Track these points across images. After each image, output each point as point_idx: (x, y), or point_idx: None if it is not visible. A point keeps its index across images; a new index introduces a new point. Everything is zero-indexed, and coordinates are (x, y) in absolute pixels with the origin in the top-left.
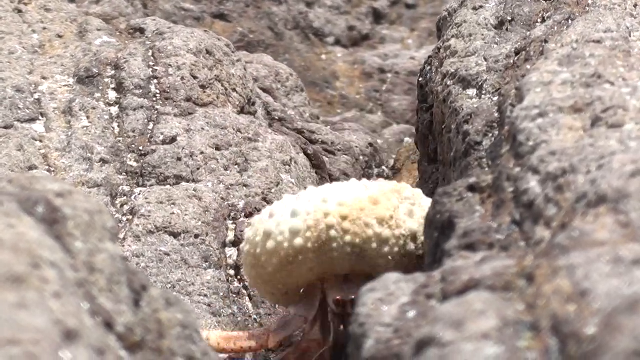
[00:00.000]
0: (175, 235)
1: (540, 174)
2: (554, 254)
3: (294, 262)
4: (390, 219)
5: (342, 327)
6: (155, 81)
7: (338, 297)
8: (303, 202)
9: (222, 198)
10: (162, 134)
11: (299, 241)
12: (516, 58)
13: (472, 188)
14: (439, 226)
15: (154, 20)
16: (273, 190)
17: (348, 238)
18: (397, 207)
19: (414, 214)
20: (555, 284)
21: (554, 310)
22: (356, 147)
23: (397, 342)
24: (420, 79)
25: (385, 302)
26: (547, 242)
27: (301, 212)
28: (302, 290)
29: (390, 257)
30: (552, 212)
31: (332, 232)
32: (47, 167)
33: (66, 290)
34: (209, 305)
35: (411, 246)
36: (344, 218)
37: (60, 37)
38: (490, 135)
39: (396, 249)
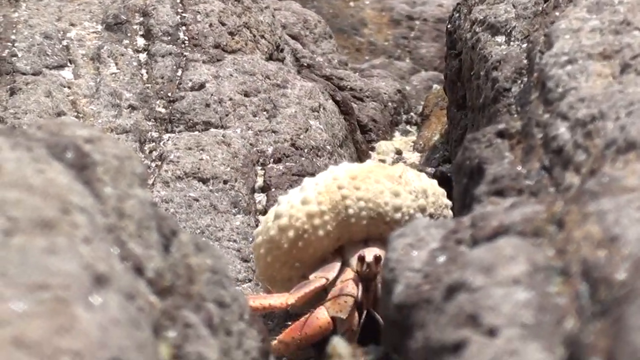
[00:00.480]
0: (204, 180)
1: (569, 120)
2: (583, 199)
3: (309, 229)
4: (399, 177)
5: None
6: (184, 28)
7: (361, 253)
8: (309, 183)
9: (250, 144)
10: (190, 80)
11: (312, 207)
12: (545, 5)
13: (501, 134)
14: (468, 172)
15: None
16: (302, 136)
17: (360, 193)
18: (405, 169)
19: (421, 177)
20: (585, 230)
21: (584, 255)
22: (384, 93)
23: (427, 287)
24: (449, 26)
25: (415, 248)
26: (576, 188)
27: (309, 186)
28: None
29: (404, 211)
30: (582, 158)
31: (344, 191)
32: (75, 114)
33: (96, 235)
34: (238, 251)
35: (423, 202)
36: (353, 178)
37: None
38: (519, 82)
39: (408, 201)
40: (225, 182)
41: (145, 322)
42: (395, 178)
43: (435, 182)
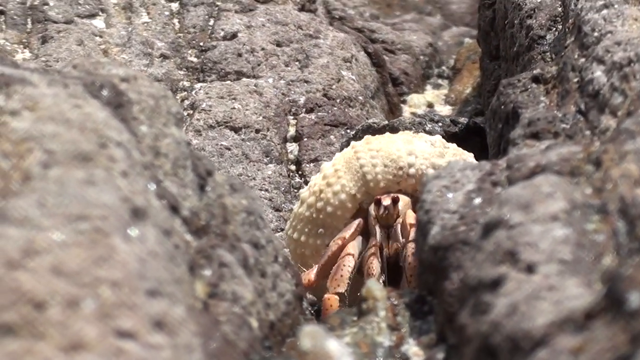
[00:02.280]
0: (236, 129)
1: (605, 64)
2: (620, 139)
3: (324, 188)
4: (414, 133)
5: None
6: None
7: (377, 197)
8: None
9: (282, 94)
10: (222, 30)
11: (327, 171)
12: None
13: (536, 79)
14: (503, 117)
15: None
16: (334, 87)
17: (372, 146)
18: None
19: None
20: (623, 168)
21: (621, 193)
22: (416, 46)
23: (463, 229)
24: None
25: (450, 189)
26: (613, 130)
27: (326, 165)
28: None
29: (418, 154)
30: (618, 101)
31: (357, 148)
32: None
33: (133, 170)
34: (270, 200)
35: (440, 149)
36: (368, 142)
37: None
38: (554, 29)
39: (422, 146)
40: (257, 131)
41: (181, 259)
42: (409, 135)
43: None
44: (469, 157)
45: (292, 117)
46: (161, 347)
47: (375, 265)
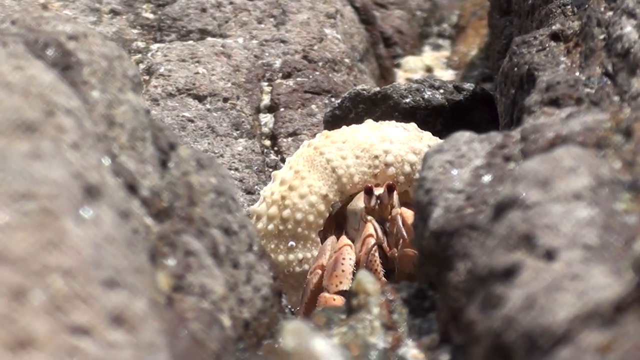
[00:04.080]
0: (200, 98)
1: (637, 18)
2: None
3: (287, 195)
4: (380, 123)
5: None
6: None
7: (368, 184)
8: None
9: (255, 56)
10: None
11: (285, 174)
12: None
13: (555, 36)
14: (517, 80)
15: None
16: (315, 47)
17: (334, 138)
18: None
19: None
20: None
21: None
22: (412, 0)
23: (470, 211)
24: None
25: (455, 165)
26: None
27: (280, 172)
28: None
29: (394, 140)
30: None
31: (316, 144)
32: None
33: (85, 141)
34: (240, 181)
35: (415, 132)
36: (328, 136)
37: None
38: None
39: (392, 128)
40: (225, 100)
41: (141, 246)
42: (373, 122)
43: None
44: None
45: (266, 84)
46: (121, 345)
47: (377, 260)
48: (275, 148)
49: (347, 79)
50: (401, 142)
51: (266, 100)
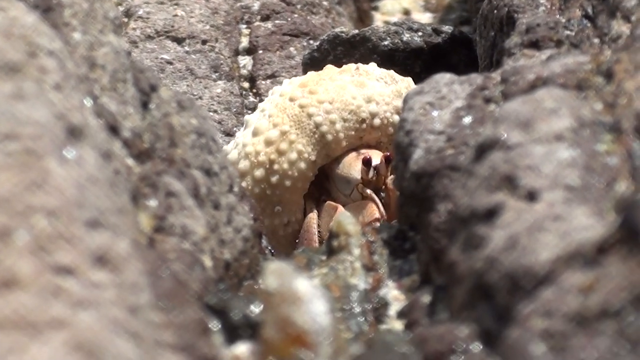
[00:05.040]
0: (179, 40)
1: None
2: (636, 46)
3: (276, 158)
4: (356, 70)
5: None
6: None
7: (365, 155)
8: (252, 116)
9: None
10: None
11: (269, 133)
12: None
13: None
14: (497, 23)
15: None
16: None
17: (320, 96)
18: (358, 64)
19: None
20: (639, 80)
21: (638, 109)
22: None
23: (451, 152)
24: None
25: (435, 107)
26: (626, 37)
27: (254, 117)
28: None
29: (378, 100)
30: (632, 3)
31: (300, 101)
32: None
33: (67, 83)
34: (219, 123)
35: (395, 87)
36: (303, 86)
37: None
38: None
39: (379, 89)
40: (203, 42)
41: (123, 187)
42: (351, 72)
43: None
44: None
45: (244, 26)
46: (104, 285)
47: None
48: (254, 90)
49: (326, 22)
50: (386, 103)
51: (245, 42)
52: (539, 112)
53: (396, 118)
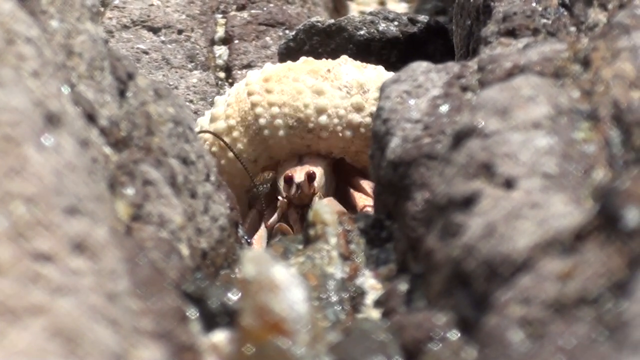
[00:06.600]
0: (155, 30)
1: None
2: (613, 34)
3: (219, 152)
4: (327, 72)
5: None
6: None
7: (288, 173)
8: (220, 97)
9: None
10: None
11: (219, 124)
12: None
13: None
14: (473, 11)
15: None
16: None
17: (273, 97)
18: (337, 64)
19: (364, 69)
20: (616, 68)
21: (615, 97)
22: None
23: (428, 140)
24: None
25: (412, 95)
26: (603, 25)
27: (220, 99)
28: None
29: (330, 112)
30: None
31: (254, 97)
32: None
33: (45, 70)
34: (195, 113)
35: (358, 98)
36: (267, 80)
37: None
38: None
39: (336, 100)
40: (179, 32)
41: (100, 175)
42: (321, 73)
43: (383, 70)
44: None
45: (220, 16)
46: (83, 272)
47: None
48: (230, 80)
49: (301, 11)
50: (339, 116)
51: (220, 32)
52: (516, 99)
53: (348, 134)
